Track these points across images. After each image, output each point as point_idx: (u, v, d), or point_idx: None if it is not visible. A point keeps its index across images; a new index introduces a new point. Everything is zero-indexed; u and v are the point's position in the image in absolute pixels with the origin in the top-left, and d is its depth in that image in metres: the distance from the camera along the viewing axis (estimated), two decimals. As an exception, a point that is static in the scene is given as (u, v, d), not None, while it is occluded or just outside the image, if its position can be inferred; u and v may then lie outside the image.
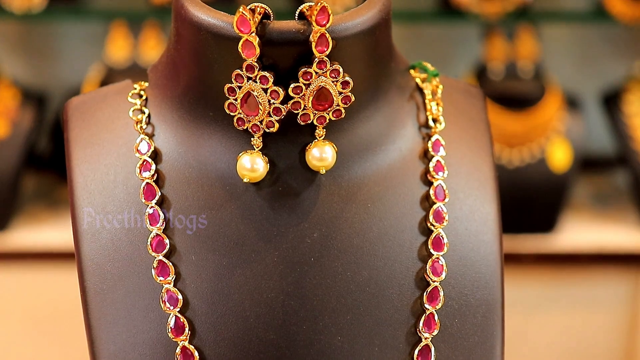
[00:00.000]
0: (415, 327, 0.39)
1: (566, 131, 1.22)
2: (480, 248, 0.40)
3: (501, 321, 0.40)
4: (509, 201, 1.20)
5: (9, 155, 1.24)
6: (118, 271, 0.38)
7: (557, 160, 1.21)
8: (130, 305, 0.38)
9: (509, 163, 1.21)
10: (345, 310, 0.38)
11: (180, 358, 0.37)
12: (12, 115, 1.25)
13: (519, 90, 1.22)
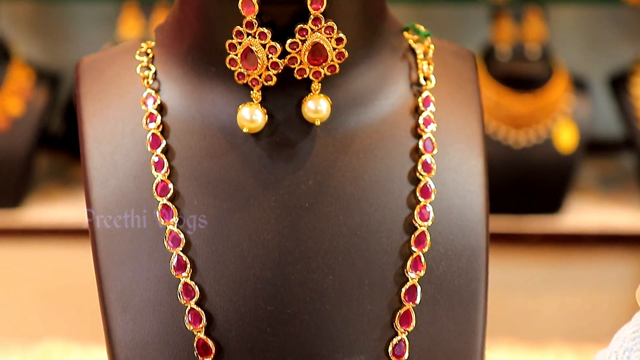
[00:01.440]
0: (403, 269, 0.41)
1: (573, 113, 1.23)
2: (467, 197, 0.43)
3: (485, 266, 0.43)
4: (515, 182, 1.22)
5: (23, 133, 1.26)
6: (125, 215, 0.41)
7: (563, 142, 1.22)
8: (136, 245, 0.41)
9: (515, 144, 1.22)
10: (337, 252, 0.41)
11: (182, 293, 0.40)
12: (26, 94, 1.27)
13: (526, 71, 1.23)
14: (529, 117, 1.23)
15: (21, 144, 1.26)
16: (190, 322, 0.40)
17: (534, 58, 1.23)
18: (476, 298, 0.42)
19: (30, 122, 1.27)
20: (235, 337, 0.40)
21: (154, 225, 0.41)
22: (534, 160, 1.22)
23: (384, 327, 0.41)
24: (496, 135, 1.22)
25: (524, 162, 1.22)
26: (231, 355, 0.40)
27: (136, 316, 0.40)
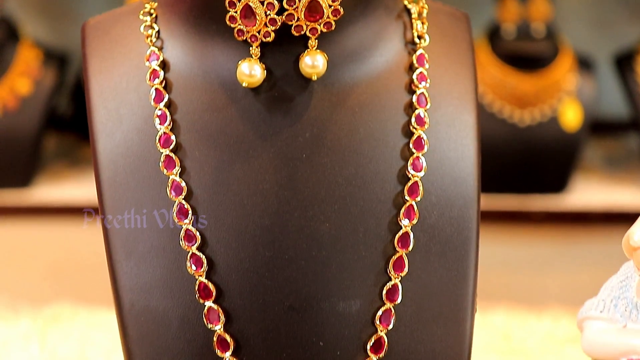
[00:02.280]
0: (397, 217, 0.43)
1: (577, 92, 1.22)
2: (459, 150, 0.44)
3: (476, 216, 0.44)
4: (520, 160, 1.23)
5: (32, 112, 1.27)
6: (130, 166, 0.43)
7: (568, 120, 1.22)
8: (140, 194, 0.42)
9: (520, 122, 1.22)
10: (333, 200, 0.42)
11: (184, 239, 0.42)
12: (34, 74, 1.28)
13: (531, 50, 1.22)
14: (533, 96, 1.23)
15: (30, 123, 1.27)
16: (192, 266, 0.42)
17: (539, 37, 1.22)
18: (467, 246, 0.43)
19: (39, 102, 1.28)
20: (235, 280, 0.42)
21: (157, 175, 0.43)
22: (539, 139, 1.21)
23: (378, 272, 0.42)
24: (501, 113, 1.23)
25: (528, 140, 1.22)
26: (231, 298, 0.42)
27: (140, 262, 0.42)
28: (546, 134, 1.22)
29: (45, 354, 0.73)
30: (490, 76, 1.23)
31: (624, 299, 0.46)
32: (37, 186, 1.30)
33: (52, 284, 1.01)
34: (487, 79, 1.23)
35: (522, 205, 1.23)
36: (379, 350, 0.42)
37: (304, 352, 0.42)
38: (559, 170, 1.25)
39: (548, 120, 1.22)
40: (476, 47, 1.25)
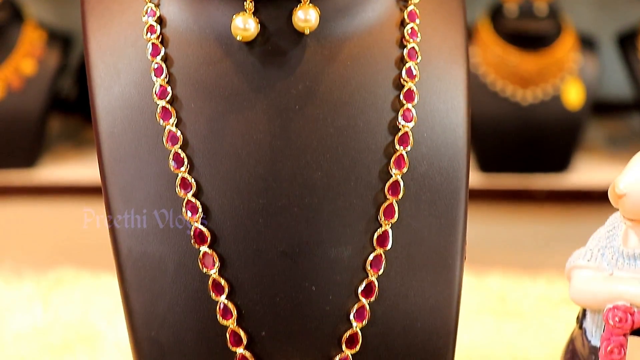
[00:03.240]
0: (387, 167, 0.44)
1: (580, 71, 1.22)
2: (449, 102, 0.45)
3: (466, 167, 0.45)
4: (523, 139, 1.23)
5: (36, 92, 1.28)
6: (127, 117, 0.44)
7: (570, 99, 1.22)
8: (137, 144, 0.44)
9: (522, 100, 1.22)
10: (325, 150, 0.43)
11: (180, 186, 0.43)
12: (38, 54, 1.29)
13: (534, 29, 1.22)
14: (536, 75, 1.23)
15: (35, 103, 1.28)
16: (188, 212, 0.43)
17: (541, 16, 1.22)
18: (457, 195, 0.44)
19: (43, 82, 1.29)
20: (229, 227, 0.43)
21: (154, 126, 0.44)
22: (541, 118, 1.21)
23: (369, 219, 0.44)
24: (503, 92, 1.23)
25: (531, 119, 1.22)
26: (225, 244, 0.43)
27: (138, 209, 0.43)
28: (548, 113, 1.22)
29: (48, 316, 0.75)
30: (493, 55, 1.23)
31: (611, 248, 0.47)
32: (42, 167, 1.31)
33: (55, 250, 1.02)
34: (489, 58, 1.23)
35: (525, 184, 1.24)
36: (369, 295, 0.43)
37: (297, 296, 0.43)
38: (561, 150, 1.25)
39: (550, 99, 1.22)
40: (479, 27, 1.26)
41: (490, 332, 0.70)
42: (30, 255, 0.85)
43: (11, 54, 1.27)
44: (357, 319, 0.43)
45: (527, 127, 1.22)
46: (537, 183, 1.24)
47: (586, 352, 0.49)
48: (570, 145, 1.24)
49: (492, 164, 1.25)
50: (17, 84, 1.27)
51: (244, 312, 0.43)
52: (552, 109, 1.23)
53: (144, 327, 0.43)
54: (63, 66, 1.32)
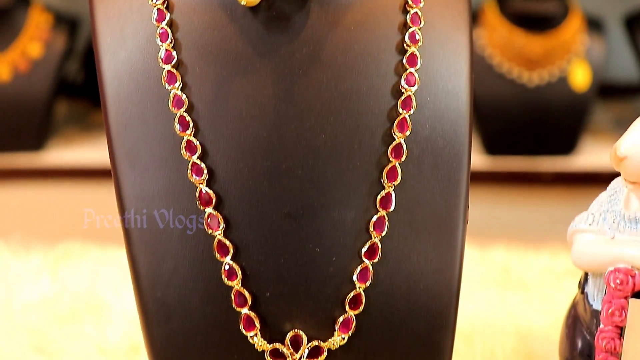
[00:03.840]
0: (390, 130, 0.44)
1: (586, 53, 1.22)
2: (452, 66, 0.46)
3: (468, 130, 0.45)
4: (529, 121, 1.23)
5: (44, 75, 1.28)
6: (133, 82, 0.45)
7: (577, 81, 1.22)
8: (143, 108, 0.44)
9: (529, 82, 1.22)
10: (328, 113, 0.44)
11: (186, 149, 0.44)
12: (44, 37, 1.30)
13: (541, 10, 1.21)
14: (542, 57, 1.22)
15: (42, 86, 1.28)
16: (193, 175, 0.43)
17: (548, -4, 1.22)
18: (460, 159, 0.45)
19: (50, 65, 1.29)
20: (234, 189, 0.43)
21: (160, 90, 0.44)
22: (548, 99, 1.21)
23: (372, 182, 0.44)
24: (510, 74, 1.23)
25: (537, 101, 1.21)
26: (230, 206, 0.43)
27: (144, 172, 0.44)
28: (555, 95, 1.21)
29: (55, 287, 0.75)
30: (499, 37, 1.23)
31: (612, 212, 0.48)
32: (49, 150, 1.32)
33: (62, 225, 1.03)
34: (495, 40, 1.23)
35: (531, 166, 1.23)
36: (373, 256, 0.44)
37: (301, 257, 0.43)
38: (567, 132, 1.24)
39: (557, 81, 1.22)
40: (485, 8, 1.25)
41: (493, 303, 0.71)
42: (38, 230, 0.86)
43: (18, 37, 1.28)
44: (361, 280, 0.44)
45: (533, 109, 1.22)
46: (543, 165, 1.24)
47: (588, 316, 0.49)
48: (577, 128, 1.24)
49: (498, 147, 1.25)
50: (24, 67, 1.28)
51: (249, 273, 0.43)
52: (558, 91, 1.22)
53: (150, 289, 0.44)
54: (69, 50, 1.32)
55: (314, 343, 0.44)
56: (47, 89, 1.28)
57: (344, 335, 0.44)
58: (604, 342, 0.46)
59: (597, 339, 0.47)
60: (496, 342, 0.64)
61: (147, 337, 0.44)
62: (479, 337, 0.65)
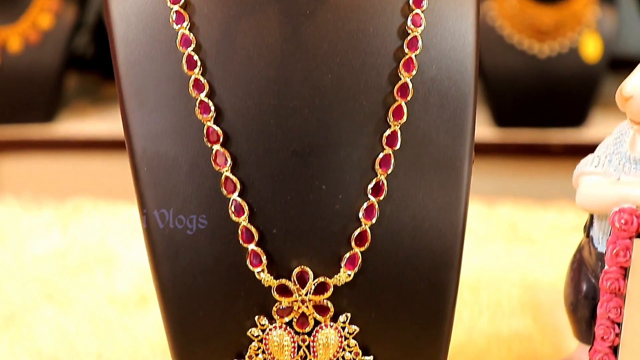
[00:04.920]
0: (397, 70, 0.44)
1: (597, 24, 1.21)
2: (457, 8, 0.46)
3: (474, 71, 0.45)
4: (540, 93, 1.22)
5: (53, 46, 1.28)
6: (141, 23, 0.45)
7: (588, 52, 1.21)
8: (151, 48, 0.44)
9: (539, 53, 1.21)
10: (335, 53, 0.44)
11: (194, 88, 0.44)
12: (54, 8, 1.30)
13: None
14: (553, 28, 1.21)
15: (52, 57, 1.28)
16: (200, 112, 0.44)
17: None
18: (465, 100, 0.45)
19: (60, 36, 1.30)
20: (241, 127, 0.44)
21: (168, 30, 0.45)
22: (558, 71, 1.20)
23: (378, 121, 0.44)
24: (520, 45, 1.22)
25: (548, 72, 1.20)
26: (238, 143, 0.44)
27: (152, 110, 0.44)
28: (566, 67, 1.21)
29: (66, 241, 0.76)
30: (510, 7, 1.22)
31: (618, 154, 0.48)
32: (60, 122, 1.32)
33: (72, 184, 1.04)
34: (506, 11, 1.23)
35: (541, 138, 1.23)
36: (378, 194, 0.44)
37: (307, 195, 0.44)
38: (578, 104, 1.24)
39: (568, 53, 1.21)
40: (496, -21, 1.25)
41: (500, 257, 0.71)
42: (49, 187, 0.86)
43: (28, 8, 1.28)
44: (366, 218, 0.44)
45: (543, 81, 1.21)
46: (553, 138, 1.24)
47: (593, 260, 0.50)
48: (587, 100, 1.23)
49: (508, 119, 1.25)
50: (34, 38, 1.28)
51: (256, 210, 0.44)
52: (569, 63, 1.22)
53: (158, 225, 0.44)
54: (79, 23, 1.32)
55: (320, 279, 0.44)
56: (58, 60, 1.29)
57: (350, 272, 0.44)
58: (608, 283, 0.47)
59: (601, 280, 0.47)
60: (502, 292, 0.64)
61: (155, 274, 0.45)
62: (485, 288, 0.65)
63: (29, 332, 0.61)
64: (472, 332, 0.60)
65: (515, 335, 0.59)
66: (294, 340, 0.45)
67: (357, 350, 0.45)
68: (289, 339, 0.45)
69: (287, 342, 0.45)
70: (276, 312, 0.44)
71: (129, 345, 0.59)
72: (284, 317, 0.44)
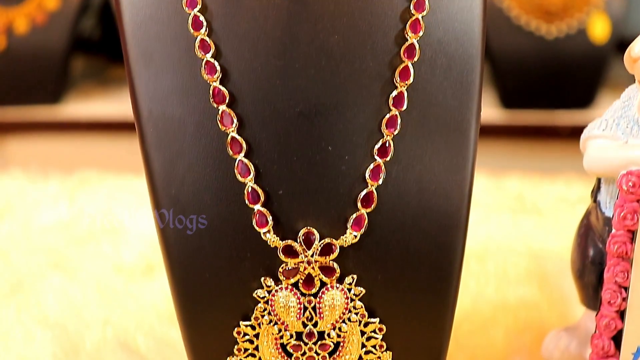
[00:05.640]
0: (403, 31, 0.44)
1: (606, 5, 1.20)
2: None
3: (482, 34, 0.45)
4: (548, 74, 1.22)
5: (60, 28, 1.28)
6: None
7: (596, 34, 1.20)
8: (157, 9, 0.44)
9: (547, 34, 1.21)
10: (341, 14, 0.44)
11: (200, 49, 0.44)
12: (62, -11, 1.30)
13: None
14: (561, 9, 1.20)
15: (59, 38, 1.28)
16: (206, 72, 0.43)
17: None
18: (472, 62, 0.45)
19: (67, 17, 1.29)
20: (247, 88, 0.44)
21: None
22: (566, 52, 1.19)
23: (384, 82, 0.44)
24: (528, 26, 1.21)
25: (555, 53, 1.20)
26: (244, 104, 0.44)
27: (158, 71, 0.44)
28: (573, 48, 1.20)
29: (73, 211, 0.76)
30: (517, -12, 1.22)
31: (626, 117, 0.47)
32: (66, 103, 1.32)
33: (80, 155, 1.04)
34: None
35: (548, 120, 1.23)
36: (385, 155, 0.44)
37: (314, 156, 0.44)
38: (585, 85, 1.23)
39: (576, 34, 1.20)
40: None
41: (507, 227, 0.71)
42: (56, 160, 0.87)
43: (35, -10, 1.28)
44: (373, 179, 0.44)
45: (551, 62, 1.21)
46: (560, 119, 1.23)
47: (600, 225, 0.49)
48: (595, 81, 1.23)
49: (515, 100, 1.24)
50: (41, 19, 1.28)
51: (262, 171, 0.44)
52: (577, 44, 1.21)
53: (164, 187, 0.44)
54: (86, 5, 1.32)
55: (326, 240, 0.44)
56: (64, 41, 1.29)
57: (356, 233, 0.44)
58: (615, 247, 0.46)
59: (608, 244, 0.47)
60: (509, 262, 0.64)
61: (161, 235, 0.45)
62: (491, 258, 0.65)
63: (35, 299, 0.62)
64: (479, 301, 0.60)
65: (522, 304, 0.59)
66: (300, 302, 0.45)
67: (363, 312, 0.45)
68: (295, 300, 0.45)
69: (293, 303, 0.45)
70: (282, 273, 0.44)
71: (136, 312, 0.60)
72: (290, 279, 0.44)
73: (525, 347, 0.52)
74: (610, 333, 0.48)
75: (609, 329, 0.48)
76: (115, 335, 0.56)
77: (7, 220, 0.74)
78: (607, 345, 0.48)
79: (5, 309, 0.61)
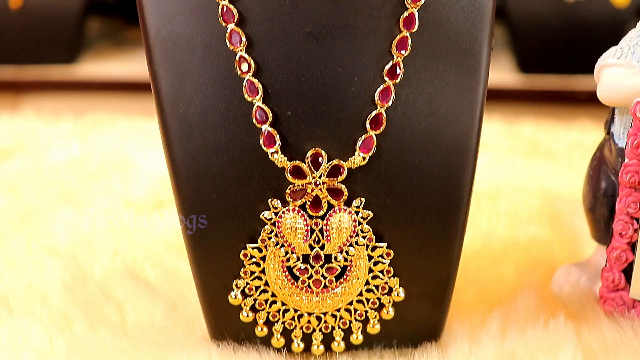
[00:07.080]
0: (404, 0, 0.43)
1: None
2: None
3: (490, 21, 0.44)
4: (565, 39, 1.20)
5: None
6: None
7: (617, 0, 1.19)
8: None
9: None
10: None
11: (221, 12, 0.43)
12: (76, -52, 1.29)
13: None
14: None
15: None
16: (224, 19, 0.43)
17: None
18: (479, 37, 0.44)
19: (83, -24, 1.29)
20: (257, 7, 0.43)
21: None
22: (586, 15, 1.17)
23: (395, 3, 0.43)
24: (549, -9, 1.20)
25: (575, 16, 1.18)
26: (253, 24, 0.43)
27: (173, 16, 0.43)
28: (594, 11, 1.18)
29: (85, 149, 0.76)
30: (537, -51, 1.20)
31: (641, 45, 0.47)
32: (82, 63, 1.33)
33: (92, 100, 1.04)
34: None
35: (566, 84, 1.21)
36: (394, 76, 0.43)
37: (322, 77, 0.43)
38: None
39: (597, -4, 1.19)
40: None
41: (520, 170, 0.70)
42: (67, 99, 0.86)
43: (51, -52, 1.28)
44: (382, 100, 0.43)
45: (570, 26, 1.19)
46: (579, 84, 1.22)
47: (613, 157, 0.49)
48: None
49: (533, 65, 1.23)
50: (57, -22, 1.28)
51: (270, 91, 0.43)
52: (597, 7, 1.19)
53: (172, 107, 0.44)
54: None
55: (334, 162, 0.44)
56: (80, 1, 1.29)
57: (365, 155, 0.44)
58: (628, 177, 0.46)
59: (621, 174, 0.46)
60: (520, 201, 0.64)
61: (168, 155, 0.44)
62: (503, 198, 0.64)
63: (45, 230, 0.62)
64: (489, 238, 0.59)
65: (532, 241, 0.59)
66: (307, 224, 0.44)
67: (370, 235, 0.45)
68: (302, 222, 0.44)
69: (300, 225, 0.44)
70: (289, 194, 0.44)
71: (145, 244, 0.60)
72: (297, 200, 0.44)
73: (535, 282, 0.52)
74: (621, 266, 0.48)
75: (619, 261, 0.48)
76: (124, 265, 0.56)
77: (19, 158, 0.75)
78: (618, 278, 0.48)
79: (16, 238, 0.61)
